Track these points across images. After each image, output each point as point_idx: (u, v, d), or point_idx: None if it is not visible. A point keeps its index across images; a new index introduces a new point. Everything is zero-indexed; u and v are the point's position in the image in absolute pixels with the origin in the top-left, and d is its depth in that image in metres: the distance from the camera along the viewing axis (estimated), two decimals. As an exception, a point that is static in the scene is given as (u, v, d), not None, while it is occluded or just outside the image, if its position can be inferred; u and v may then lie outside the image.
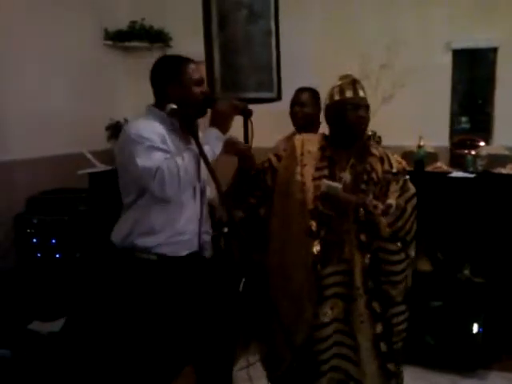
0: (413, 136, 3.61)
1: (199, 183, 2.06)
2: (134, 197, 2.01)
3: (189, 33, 3.29)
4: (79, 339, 2.94)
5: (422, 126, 3.80)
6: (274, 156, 2.23)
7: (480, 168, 3.32)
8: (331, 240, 1.99)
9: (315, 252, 1.99)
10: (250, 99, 2.87)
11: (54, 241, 3.47)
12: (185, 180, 1.89)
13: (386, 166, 2.03)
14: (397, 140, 3.78)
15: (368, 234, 1.96)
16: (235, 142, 2.15)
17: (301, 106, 3.05)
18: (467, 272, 3.09)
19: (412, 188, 2.05)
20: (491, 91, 4.22)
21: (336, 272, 2.00)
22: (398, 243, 1.98)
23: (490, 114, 4.27)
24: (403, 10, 4.10)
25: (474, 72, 4.37)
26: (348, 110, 2.02)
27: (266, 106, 2.95)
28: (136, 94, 3.80)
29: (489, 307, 3.00)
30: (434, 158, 3.66)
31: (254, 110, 2.98)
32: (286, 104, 3.11)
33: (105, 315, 2.97)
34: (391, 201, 1.95)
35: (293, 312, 2.05)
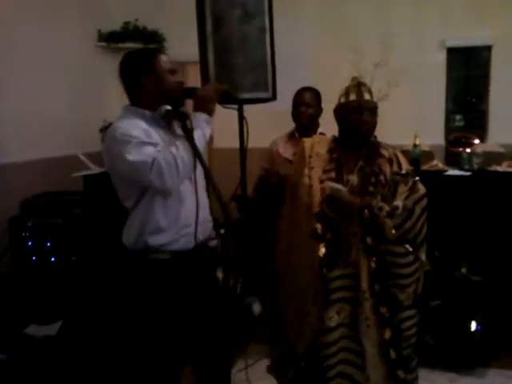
0: (408, 135, 3.62)
1: (195, 172, 2.00)
2: (135, 199, 1.98)
3: (183, 33, 3.27)
4: (76, 343, 2.91)
5: (418, 124, 3.81)
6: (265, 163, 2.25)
7: (476, 166, 3.33)
8: (337, 243, 1.98)
9: (321, 255, 1.98)
10: (245, 99, 2.86)
11: (49, 244, 3.44)
12: (183, 169, 1.86)
13: (394, 167, 2.02)
14: (392, 139, 3.73)
15: (374, 236, 1.94)
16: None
17: (306, 106, 3.04)
18: (464, 270, 3.10)
19: (422, 189, 2.02)
20: (486, 89, 4.23)
21: (342, 275, 1.99)
22: (407, 245, 1.95)
23: (485, 111, 4.28)
24: (397, 9, 4.10)
25: (469, 70, 4.38)
26: (351, 113, 2.03)
27: (261, 106, 2.94)
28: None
29: (487, 305, 3.00)
30: (429, 156, 3.67)
31: (250, 110, 3.00)
32: (281, 103, 3.07)
33: (103, 318, 2.95)
34: (398, 202, 1.92)
35: (297, 316, 2.04)
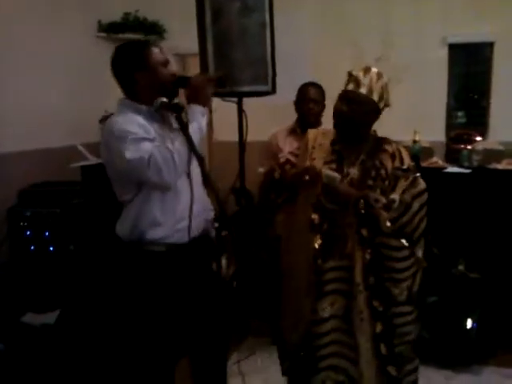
0: (409, 131, 3.60)
1: (189, 166, 2.00)
2: (132, 194, 1.98)
3: (183, 25, 3.26)
4: (73, 331, 2.93)
5: (418, 120, 3.79)
6: (291, 155, 2.27)
7: (475, 163, 3.32)
8: (334, 234, 1.98)
9: (316, 246, 1.98)
10: (244, 92, 2.86)
11: (47, 233, 3.45)
12: (180, 163, 1.87)
13: (396, 163, 2.01)
14: (392, 135, 3.73)
15: (369, 228, 1.94)
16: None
17: (314, 102, 3.03)
18: (462, 267, 3.10)
19: (422, 184, 2.01)
20: (487, 86, 4.21)
21: (337, 267, 1.99)
22: (404, 240, 1.95)
23: (486, 108, 4.26)
24: (398, 5, 4.06)
25: (470, 67, 4.35)
26: (336, 103, 2.03)
27: (260, 100, 2.93)
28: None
29: (484, 303, 3.00)
30: (429, 152, 3.66)
31: (249, 104, 2.99)
32: (281, 97, 3.08)
33: (100, 308, 2.96)
34: (395, 195, 1.91)
35: (292, 307, 2.06)
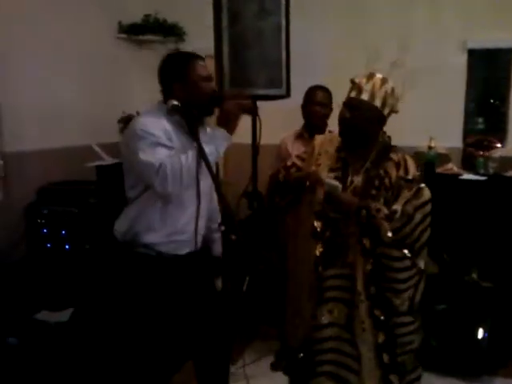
0: (426, 137, 3.58)
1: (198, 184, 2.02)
2: (138, 192, 2.02)
3: (202, 27, 3.28)
4: (85, 329, 2.97)
5: (436, 126, 3.76)
6: (297, 159, 2.26)
7: (491, 170, 3.28)
8: (335, 242, 1.98)
9: (317, 253, 1.99)
10: (258, 96, 2.87)
11: (63, 232, 3.50)
12: (187, 178, 1.89)
13: (401, 172, 1.99)
14: (409, 140, 3.73)
15: (371, 238, 1.92)
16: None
17: (321, 105, 3.04)
18: (475, 276, 3.06)
19: (426, 195, 1.97)
20: (507, 92, 4.15)
21: (337, 275, 1.99)
22: (406, 251, 1.93)
23: (505, 115, 4.20)
24: (417, 9, 4.03)
25: (490, 72, 4.29)
26: (340, 110, 2.04)
27: (274, 103, 2.94)
28: (149, 88, 3.77)
29: (496, 312, 2.97)
30: (446, 159, 3.63)
31: (263, 107, 3.00)
32: (295, 101, 3.09)
33: (109, 307, 3.00)
34: (397, 206, 1.90)
35: (294, 310, 2.07)
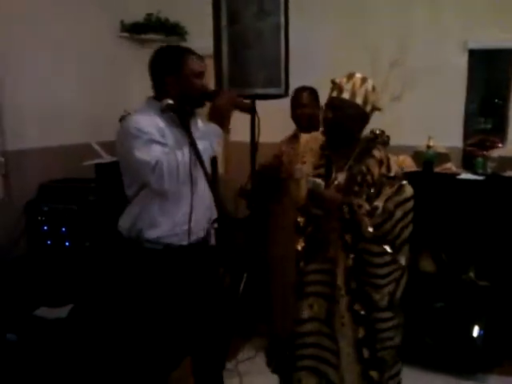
0: (426, 136, 3.58)
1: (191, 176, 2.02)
2: (136, 189, 2.04)
3: (204, 27, 3.29)
4: (84, 326, 2.99)
5: (436, 126, 3.77)
6: (274, 158, 2.28)
7: (490, 170, 3.29)
8: (317, 238, 2.01)
9: (299, 248, 2.02)
10: (257, 95, 2.88)
11: (64, 229, 3.52)
12: (183, 174, 1.91)
13: (383, 169, 2.01)
14: (409, 140, 3.75)
15: (353, 234, 1.95)
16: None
17: (303, 107, 3.05)
18: (472, 274, 3.07)
19: (407, 192, 1.99)
20: (507, 92, 4.16)
21: (318, 270, 2.02)
22: (387, 247, 1.95)
23: (506, 115, 4.21)
24: (418, 8, 4.04)
25: (490, 73, 4.31)
26: (323, 111, 2.10)
27: (273, 102, 2.95)
28: (150, 87, 3.83)
29: (491, 311, 2.98)
30: (446, 158, 3.63)
31: (262, 106, 3.02)
32: (294, 100, 3.11)
33: (111, 303, 3.02)
34: (378, 203, 1.93)
35: (281, 306, 2.09)
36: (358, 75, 2.04)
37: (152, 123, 1.97)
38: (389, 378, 2.06)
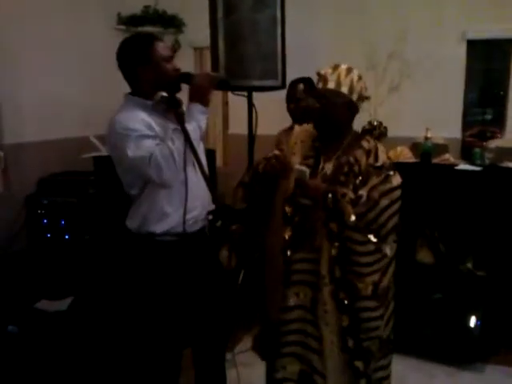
0: (424, 127, 3.59)
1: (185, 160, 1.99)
2: (138, 188, 2.03)
3: (201, 18, 3.29)
4: (85, 318, 3.02)
5: (435, 117, 3.77)
6: (277, 150, 2.26)
7: (487, 161, 3.29)
8: (303, 227, 2.02)
9: (286, 237, 2.04)
10: (254, 87, 2.89)
11: (63, 222, 3.54)
12: (180, 161, 1.90)
13: (371, 160, 2.01)
14: (408, 131, 3.76)
15: (338, 223, 1.95)
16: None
17: (296, 101, 3.04)
18: (470, 265, 3.09)
19: (393, 182, 1.98)
20: (506, 83, 4.15)
21: (304, 259, 2.04)
22: (371, 236, 1.95)
23: (505, 105, 4.20)
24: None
25: (489, 63, 4.29)
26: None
27: (270, 94, 2.96)
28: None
29: (489, 301, 3.00)
30: (444, 149, 3.64)
31: (259, 98, 3.02)
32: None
33: (111, 296, 3.04)
34: (362, 192, 1.94)
35: (271, 293, 2.12)
36: (344, 66, 2.04)
37: (136, 118, 1.95)
38: (375, 370, 2.06)
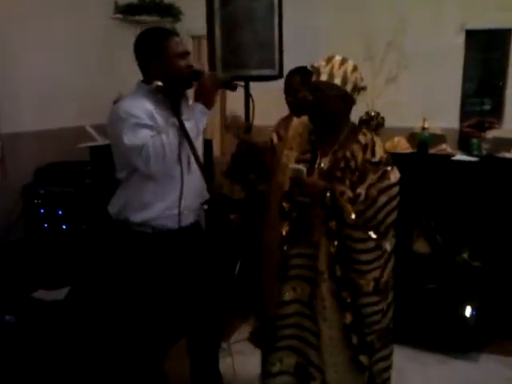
0: (422, 117, 3.58)
1: (190, 157, 2.04)
2: (127, 173, 2.05)
3: (198, 7, 3.27)
4: (82, 308, 3.03)
5: (433, 107, 3.77)
6: (276, 136, 2.24)
7: (484, 152, 3.29)
8: (301, 223, 2.01)
9: (284, 233, 2.03)
10: (251, 77, 2.88)
11: (60, 212, 3.53)
12: (171, 156, 1.92)
13: (367, 155, 1.99)
14: (406, 121, 3.75)
15: (337, 221, 1.94)
16: (238, 125, 2.16)
17: (294, 92, 3.01)
18: (466, 255, 3.10)
19: (392, 179, 1.97)
20: (504, 74, 4.14)
21: (301, 254, 2.03)
22: (371, 232, 1.94)
23: (503, 96, 4.19)
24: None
25: (488, 54, 4.27)
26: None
27: (268, 84, 2.95)
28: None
29: (484, 291, 3.01)
30: (441, 140, 3.64)
31: (256, 88, 3.01)
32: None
33: (105, 285, 3.05)
34: (361, 190, 1.92)
35: (268, 285, 2.12)
36: (338, 57, 2.01)
37: (141, 106, 1.98)
38: (376, 361, 2.06)
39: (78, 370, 2.68)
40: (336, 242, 1.96)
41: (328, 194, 1.91)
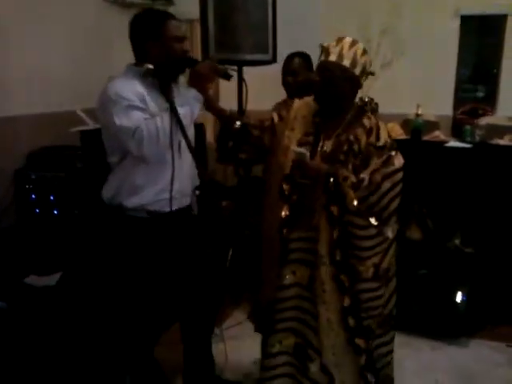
0: (416, 104, 3.57)
1: (181, 142, 2.03)
2: (119, 157, 2.03)
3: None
4: (73, 293, 3.02)
5: (426, 94, 3.76)
6: (276, 115, 2.21)
7: (478, 138, 3.29)
8: (302, 206, 1.99)
9: (283, 216, 2.01)
10: (244, 61, 2.85)
11: (52, 197, 3.50)
12: (164, 140, 1.90)
13: (372, 139, 1.96)
14: (400, 108, 3.74)
15: (339, 206, 1.92)
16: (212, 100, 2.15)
17: (293, 75, 2.99)
18: (457, 241, 3.11)
19: (396, 164, 1.95)
20: (499, 60, 4.12)
21: (301, 238, 2.02)
22: (372, 219, 1.93)
23: (497, 82, 4.18)
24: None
25: (482, 40, 4.26)
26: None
27: (261, 69, 2.93)
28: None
29: (475, 277, 3.03)
30: (435, 126, 3.63)
31: (250, 73, 2.98)
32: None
33: (98, 271, 3.04)
34: (364, 175, 1.90)
35: (267, 269, 2.12)
36: (348, 39, 1.98)
37: (132, 89, 1.95)
38: (377, 346, 2.07)
39: (70, 355, 2.68)
40: (337, 228, 1.94)
41: (331, 179, 1.89)
